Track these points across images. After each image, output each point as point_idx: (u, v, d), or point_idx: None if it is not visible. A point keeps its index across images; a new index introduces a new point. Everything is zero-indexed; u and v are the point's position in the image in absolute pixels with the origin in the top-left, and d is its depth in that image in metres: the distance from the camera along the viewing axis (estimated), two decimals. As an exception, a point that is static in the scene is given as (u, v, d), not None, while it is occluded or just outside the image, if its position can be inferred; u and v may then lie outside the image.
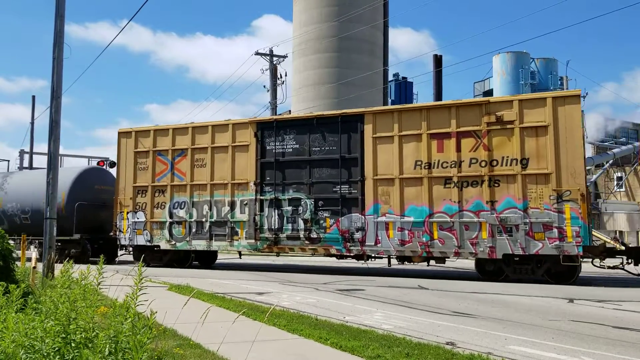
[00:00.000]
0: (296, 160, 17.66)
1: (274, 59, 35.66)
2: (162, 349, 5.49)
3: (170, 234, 19.27)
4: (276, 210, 17.78)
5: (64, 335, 4.31)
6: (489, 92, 64.66)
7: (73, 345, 4.26)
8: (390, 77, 51.62)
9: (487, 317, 8.91)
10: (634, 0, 55.30)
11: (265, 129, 18.22)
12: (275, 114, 36.92)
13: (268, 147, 18.14)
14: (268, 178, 18.01)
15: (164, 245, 19.40)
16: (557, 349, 6.44)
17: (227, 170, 18.57)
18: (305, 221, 17.29)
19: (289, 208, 17.61)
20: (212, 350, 5.76)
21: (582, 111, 16.13)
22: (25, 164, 49.01)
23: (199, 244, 18.86)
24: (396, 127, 16.36)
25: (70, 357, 4.16)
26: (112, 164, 26.85)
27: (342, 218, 16.79)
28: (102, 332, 4.26)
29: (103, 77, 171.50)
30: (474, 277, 16.38)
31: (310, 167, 17.38)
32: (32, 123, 43.51)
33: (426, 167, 15.86)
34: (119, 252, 22.00)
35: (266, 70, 35.66)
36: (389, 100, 51.52)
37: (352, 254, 16.93)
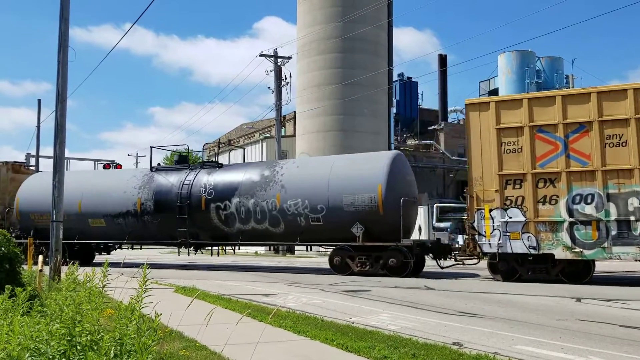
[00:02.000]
0: None
1: (279, 60, 35.70)
2: (168, 351, 5.49)
3: (572, 239, 14.36)
4: None
5: (69, 338, 4.31)
6: (495, 92, 64.54)
7: (78, 347, 4.26)
8: (395, 77, 51.58)
9: (494, 317, 8.87)
10: (640, -3, 55.06)
11: None
12: (280, 116, 36.96)
13: None
14: None
15: (560, 254, 14.50)
16: (564, 349, 6.40)
17: None
18: None
19: None
20: (218, 352, 5.76)
21: None
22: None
23: (626, 252, 13.95)
24: None
25: (76, 360, 4.16)
26: (117, 167, 26.99)
27: None
28: (107, 335, 4.26)
29: (107, 80, 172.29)
30: (480, 277, 16.34)
31: None
32: (38, 127, 43.74)
33: None
34: (444, 263, 17.51)
35: (271, 71, 35.72)
36: (394, 101, 51.50)
37: None
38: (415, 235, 21.51)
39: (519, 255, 15.02)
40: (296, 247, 31.85)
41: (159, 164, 25.07)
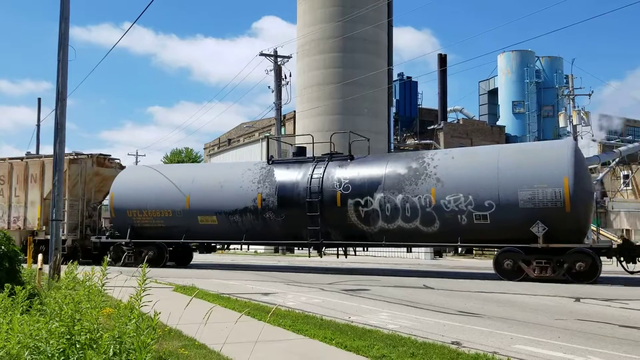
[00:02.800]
0: None
1: (279, 59, 35.69)
2: (167, 350, 5.50)
3: None
4: None
5: (69, 336, 4.32)
6: (494, 91, 64.59)
7: (77, 346, 4.27)
8: (395, 77, 51.56)
9: (493, 316, 8.88)
10: (640, -3, 55.10)
11: None
12: (280, 115, 36.98)
13: None
14: None
15: None
16: (563, 348, 6.41)
17: None
18: None
19: None
20: (217, 351, 5.77)
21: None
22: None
23: None
24: None
25: (75, 358, 4.16)
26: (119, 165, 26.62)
27: None
28: (106, 333, 4.27)
29: (106, 79, 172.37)
30: (480, 277, 16.34)
31: None
32: (38, 125, 43.77)
33: None
34: (634, 267, 15.33)
35: (271, 71, 35.71)
36: (394, 100, 51.48)
37: None
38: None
39: None
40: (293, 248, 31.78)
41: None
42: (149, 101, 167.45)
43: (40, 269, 10.43)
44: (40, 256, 11.62)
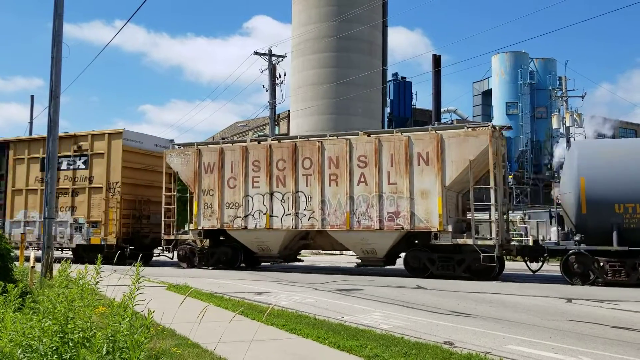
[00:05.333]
0: None
1: (273, 58, 35.65)
2: (160, 348, 5.49)
3: None
4: None
5: (62, 335, 4.30)
6: (488, 92, 64.82)
7: (71, 344, 4.25)
8: (389, 77, 51.63)
9: (486, 316, 8.91)
10: (632, 0, 55.42)
11: None
12: (274, 114, 36.95)
13: None
14: None
15: None
16: (555, 349, 6.45)
17: None
18: None
19: None
20: (210, 350, 5.77)
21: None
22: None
23: None
24: None
25: (68, 357, 4.15)
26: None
27: None
28: (99, 332, 4.26)
29: (97, 76, 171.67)
30: (473, 278, 16.39)
31: None
32: (31, 122, 43.58)
33: None
34: None
35: (265, 70, 35.65)
36: (388, 100, 51.57)
37: None
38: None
39: None
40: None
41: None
42: (140, 99, 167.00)
43: (32, 267, 10.34)
44: (32, 254, 11.46)
